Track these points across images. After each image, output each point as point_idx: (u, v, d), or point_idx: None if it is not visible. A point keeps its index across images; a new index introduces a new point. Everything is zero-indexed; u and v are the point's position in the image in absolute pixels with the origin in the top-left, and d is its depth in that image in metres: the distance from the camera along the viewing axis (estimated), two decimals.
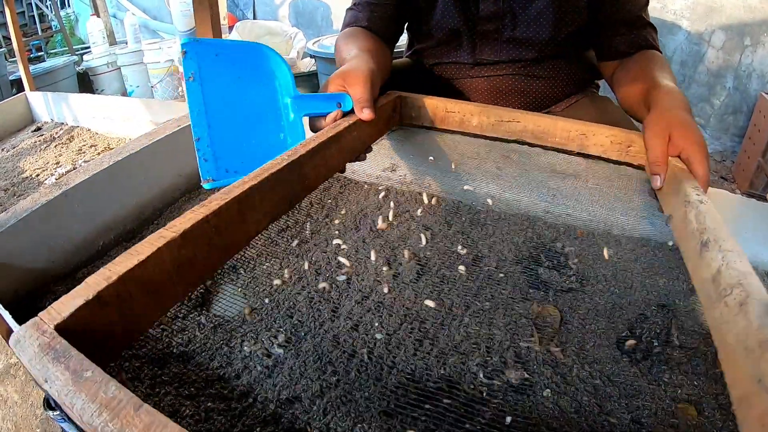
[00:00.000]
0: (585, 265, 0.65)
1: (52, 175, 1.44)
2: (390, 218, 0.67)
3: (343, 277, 0.59)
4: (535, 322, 0.56)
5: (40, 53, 4.38)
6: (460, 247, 0.64)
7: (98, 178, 0.87)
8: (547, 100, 1.07)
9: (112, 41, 3.95)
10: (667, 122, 0.68)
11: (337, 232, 0.65)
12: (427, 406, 0.46)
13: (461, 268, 0.60)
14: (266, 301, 0.56)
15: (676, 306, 0.60)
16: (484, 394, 0.47)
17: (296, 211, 0.66)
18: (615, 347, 0.55)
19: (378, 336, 0.52)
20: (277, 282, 0.57)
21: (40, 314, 0.34)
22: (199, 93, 0.66)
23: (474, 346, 0.52)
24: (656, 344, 0.55)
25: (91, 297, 0.35)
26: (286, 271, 0.58)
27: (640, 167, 0.74)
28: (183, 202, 1.02)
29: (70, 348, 0.32)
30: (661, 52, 0.92)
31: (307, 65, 2.72)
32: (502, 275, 0.62)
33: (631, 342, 0.55)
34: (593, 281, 0.62)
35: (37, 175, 1.44)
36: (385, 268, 0.60)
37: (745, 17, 2.33)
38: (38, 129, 1.90)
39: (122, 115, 1.60)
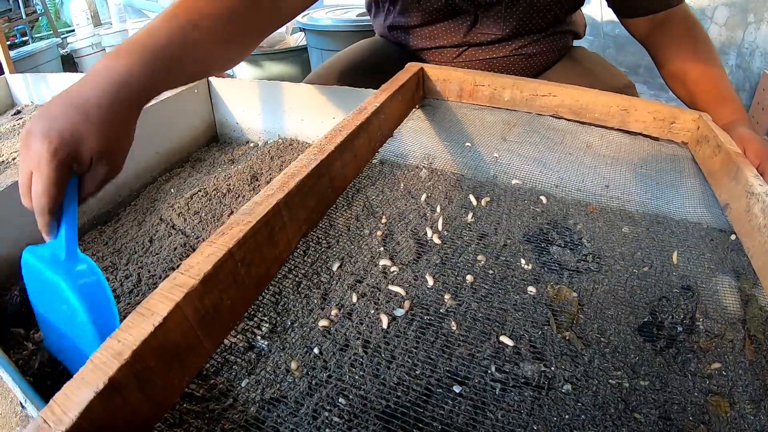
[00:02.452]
0: (601, 244, 0.59)
1: None
2: (440, 227, 0.59)
3: (401, 311, 0.48)
4: (551, 307, 0.50)
5: (25, 38, 4.28)
6: (523, 261, 0.56)
7: None
8: (533, 75, 1.02)
9: (97, 22, 3.85)
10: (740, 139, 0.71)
11: (382, 249, 0.56)
12: (431, 406, 0.40)
13: (531, 289, 0.52)
14: (315, 351, 0.45)
15: (699, 288, 0.54)
16: (497, 391, 0.41)
17: (330, 222, 0.58)
18: (637, 334, 0.49)
19: (457, 389, 0.42)
20: (323, 323, 0.47)
21: (43, 413, 0.27)
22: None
23: (483, 335, 0.46)
24: (680, 330, 0.50)
25: (102, 386, 0.28)
26: (326, 309, 0.48)
27: (683, 145, 0.71)
28: (162, 182, 0.95)
29: None
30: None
31: (297, 40, 2.64)
32: (510, 256, 0.56)
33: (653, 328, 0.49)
34: (610, 261, 0.57)
35: (14, 159, 1.37)
36: (447, 296, 0.50)
37: None
38: (18, 112, 1.82)
39: None
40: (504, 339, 0.46)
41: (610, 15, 2.52)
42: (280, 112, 1.09)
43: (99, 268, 0.54)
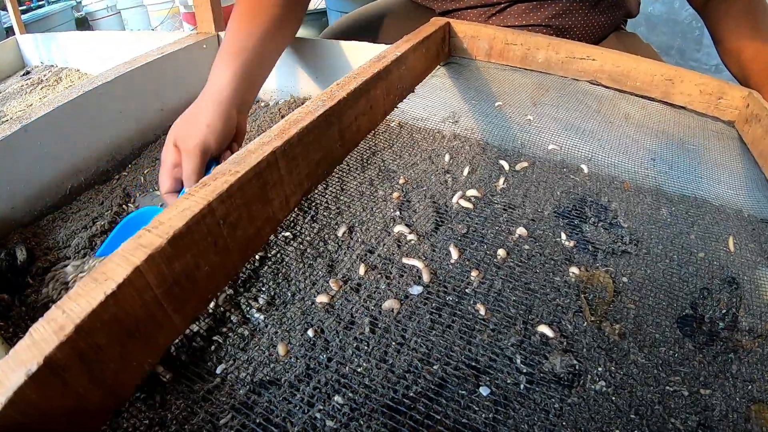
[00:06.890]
0: (638, 224, 0.53)
1: None
2: (468, 193, 0.53)
3: (418, 289, 0.42)
4: (584, 292, 0.44)
5: (41, 2, 4.23)
6: (564, 236, 0.50)
7: (65, 111, 0.75)
8: None
9: None
10: None
11: (398, 214, 0.50)
12: (444, 400, 0.35)
13: (563, 270, 0.46)
14: (316, 328, 0.39)
15: (741, 281, 0.49)
16: (522, 386, 0.36)
17: (342, 186, 0.52)
18: (677, 328, 0.43)
19: (483, 391, 0.36)
20: (322, 299, 0.41)
21: None
22: None
23: (508, 319, 0.41)
24: (721, 326, 0.44)
25: (36, 367, 0.22)
26: (332, 281, 0.42)
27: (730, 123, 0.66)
28: (165, 141, 0.89)
29: None
30: None
31: (315, 3, 2.58)
32: (548, 230, 0.51)
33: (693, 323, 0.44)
34: (648, 244, 0.51)
35: (18, 118, 1.33)
36: (474, 274, 0.44)
37: None
38: (27, 73, 1.79)
39: (114, 52, 1.46)
40: (531, 326, 0.40)
41: None
42: (293, 69, 1.03)
43: None
